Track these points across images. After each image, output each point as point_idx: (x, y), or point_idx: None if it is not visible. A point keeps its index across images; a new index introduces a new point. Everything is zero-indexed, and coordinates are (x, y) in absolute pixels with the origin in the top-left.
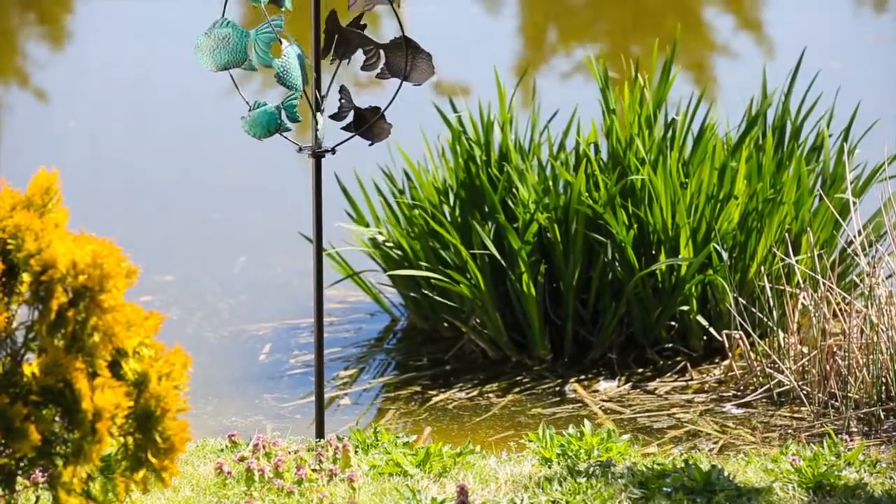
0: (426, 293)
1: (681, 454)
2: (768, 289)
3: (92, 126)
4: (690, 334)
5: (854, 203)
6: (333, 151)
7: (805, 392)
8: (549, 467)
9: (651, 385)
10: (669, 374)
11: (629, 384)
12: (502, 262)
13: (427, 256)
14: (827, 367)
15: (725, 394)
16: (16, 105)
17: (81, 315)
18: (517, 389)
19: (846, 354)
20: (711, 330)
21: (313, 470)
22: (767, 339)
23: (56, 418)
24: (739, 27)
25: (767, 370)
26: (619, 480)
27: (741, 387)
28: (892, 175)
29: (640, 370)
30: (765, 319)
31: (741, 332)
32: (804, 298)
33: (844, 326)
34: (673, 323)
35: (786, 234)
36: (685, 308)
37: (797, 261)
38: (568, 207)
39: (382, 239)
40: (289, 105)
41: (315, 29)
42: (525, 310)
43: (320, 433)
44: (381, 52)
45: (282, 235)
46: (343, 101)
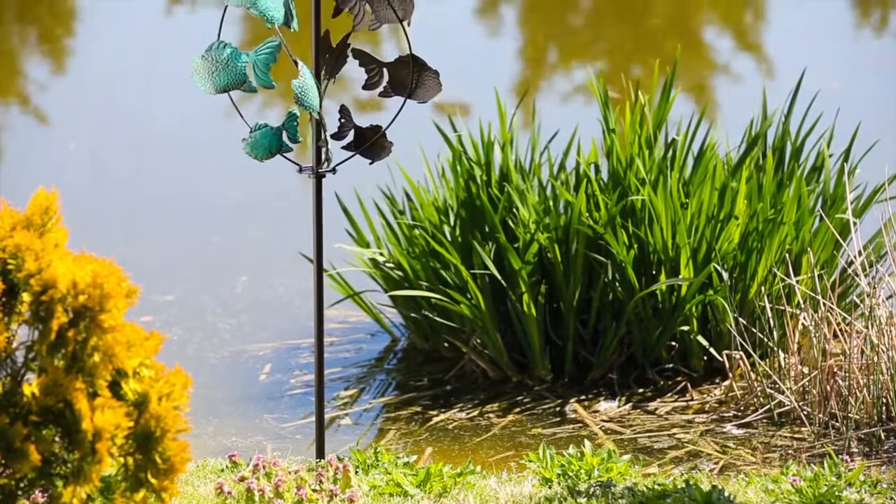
0: (427, 313)
1: (681, 474)
2: (769, 309)
3: (92, 147)
4: (691, 354)
5: (854, 223)
6: (334, 171)
7: (806, 412)
8: (550, 487)
9: (651, 405)
10: (670, 395)
11: (629, 404)
12: (503, 282)
13: (427, 276)
14: (827, 388)
15: (726, 414)
16: (16, 126)
17: (82, 335)
18: (518, 409)
19: (847, 375)
20: (712, 350)
21: (314, 490)
22: (768, 360)
23: (56, 438)
24: (739, 48)
25: (768, 390)
26: (620, 501)
27: (742, 407)
28: (893, 195)
29: (641, 390)
30: (765, 340)
31: (741, 353)
32: (804, 319)
33: (845, 347)
34: (673, 343)
35: (786, 255)
36: (685, 328)
37: (797, 281)
38: (568, 227)
39: (383, 259)
40: (290, 126)
41: (315, 50)
42: (525, 330)
43: (320, 453)
44: (384, 71)
45: (283, 255)
46: (343, 121)
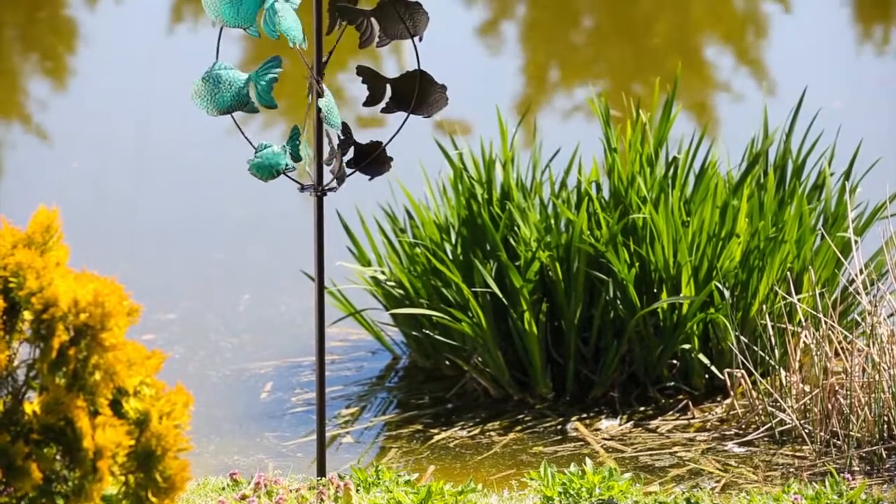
0: (428, 332)
1: (683, 493)
2: (770, 327)
3: (94, 166)
4: (692, 373)
5: (856, 242)
6: (335, 189)
7: (807, 431)
8: None
9: (653, 423)
10: (671, 413)
11: (631, 422)
12: (504, 301)
13: (429, 294)
14: (829, 406)
15: (727, 432)
16: (18, 144)
17: (83, 353)
18: (519, 428)
19: (848, 393)
20: (713, 368)
21: None
22: (769, 378)
23: (57, 457)
24: (741, 66)
25: (769, 409)
26: None
27: (743, 425)
28: (894, 213)
29: (642, 408)
30: (766, 358)
31: (743, 371)
32: (806, 337)
33: (846, 365)
34: (675, 361)
35: (787, 273)
36: (687, 346)
37: (799, 299)
38: (569, 246)
39: (384, 277)
40: (293, 145)
41: (317, 65)
42: (527, 348)
43: (322, 472)
44: (388, 86)
45: (285, 273)
46: (343, 138)
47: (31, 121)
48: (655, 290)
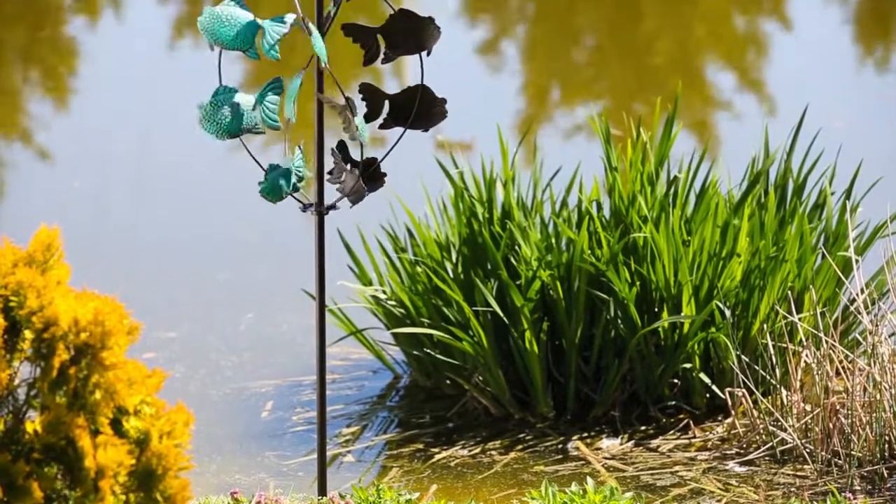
0: (429, 351)
1: None
2: (771, 346)
3: (95, 185)
4: (693, 392)
5: (857, 261)
6: (334, 207)
7: (808, 450)
8: None
9: (654, 443)
10: (672, 432)
11: (632, 442)
12: (505, 320)
13: (429, 313)
14: (830, 425)
15: (728, 451)
16: (19, 164)
17: (83, 372)
18: (520, 447)
19: (849, 412)
20: (714, 387)
21: None
22: (770, 397)
23: (58, 476)
24: (741, 85)
25: (770, 428)
26: None
27: (744, 444)
28: (895, 232)
29: (643, 428)
30: (767, 377)
31: (744, 390)
32: (807, 356)
33: (847, 384)
34: (676, 380)
35: (788, 292)
36: (688, 365)
37: (800, 318)
38: (570, 265)
39: (385, 297)
40: (299, 166)
41: (318, 78)
42: (528, 367)
43: (323, 491)
44: (386, 102)
45: (287, 292)
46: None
47: (33, 140)
48: (656, 310)
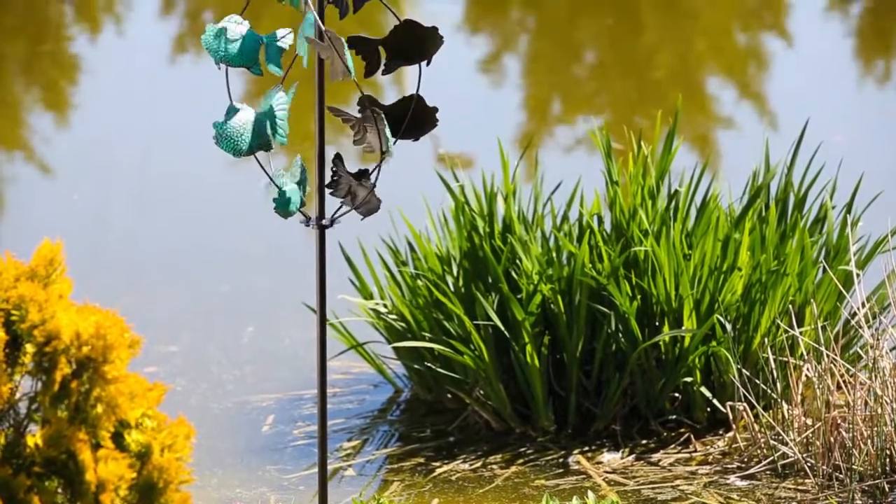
0: (430, 364)
1: None
2: (772, 360)
3: (97, 199)
4: (694, 406)
5: (858, 275)
6: (333, 224)
7: (809, 464)
8: None
9: (655, 456)
10: (673, 446)
11: (633, 456)
12: (506, 333)
13: (430, 327)
14: (831, 439)
15: (729, 466)
16: (20, 178)
17: (85, 386)
18: (521, 461)
19: (850, 426)
20: (715, 401)
21: None
22: (771, 411)
23: (59, 490)
24: (742, 99)
25: (771, 442)
26: None
27: (745, 458)
28: None
29: (644, 441)
30: (768, 391)
31: (745, 404)
32: (808, 370)
33: (848, 398)
34: (677, 394)
35: (789, 306)
36: (689, 379)
37: (801, 332)
38: (571, 279)
39: (386, 310)
40: (304, 181)
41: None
42: (529, 381)
43: None
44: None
45: (289, 306)
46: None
47: (34, 153)
48: (657, 323)
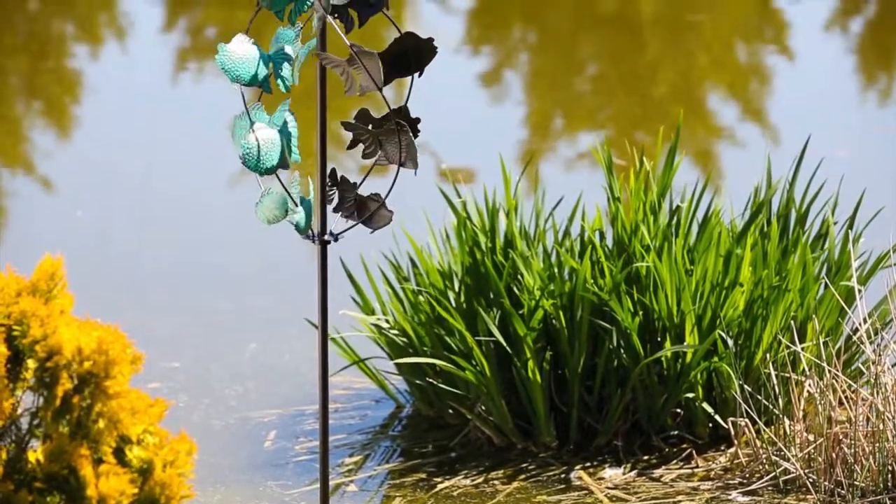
0: (431, 380)
1: None
2: (774, 376)
3: (99, 214)
4: (696, 421)
5: (859, 291)
6: (337, 239)
7: (811, 480)
8: None
9: (657, 472)
10: (675, 462)
11: (634, 471)
12: (508, 349)
13: (432, 343)
14: (833, 455)
15: (731, 481)
16: (22, 193)
17: (86, 401)
18: (522, 476)
19: (852, 442)
20: (717, 417)
21: None
22: (773, 427)
23: None
24: (744, 115)
25: (773, 458)
26: None
27: (747, 474)
28: None
29: (646, 457)
30: (770, 407)
31: (747, 420)
32: (810, 386)
33: (850, 414)
34: (678, 410)
35: (791, 322)
36: (691, 395)
37: (803, 348)
38: (573, 294)
39: (387, 326)
40: (295, 190)
41: (321, 115)
42: (530, 396)
43: None
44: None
45: (292, 322)
46: (342, 191)
47: (36, 170)
48: (659, 339)
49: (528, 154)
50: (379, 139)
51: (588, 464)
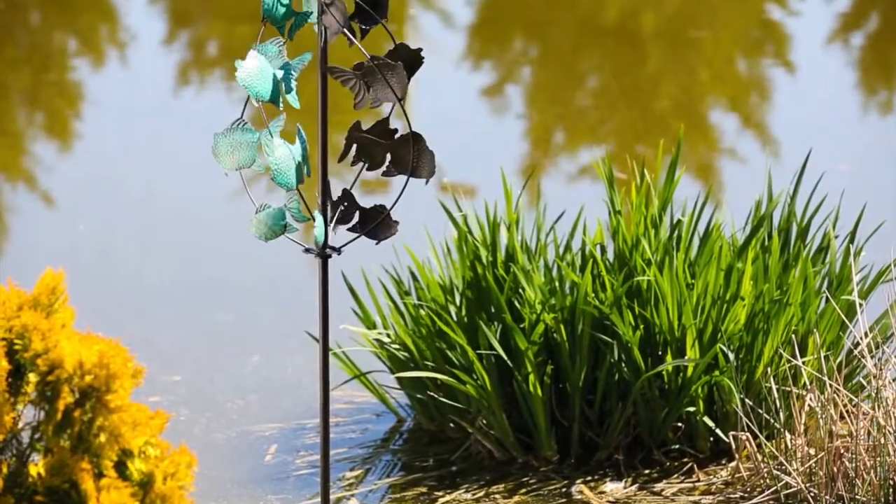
0: (432, 394)
1: None
2: (775, 390)
3: (101, 228)
4: (697, 435)
5: (860, 305)
6: (339, 252)
7: (812, 494)
8: None
9: (658, 486)
10: (676, 476)
11: (636, 485)
12: (509, 363)
13: (433, 356)
14: (834, 469)
15: (732, 496)
16: (23, 207)
17: (88, 415)
18: (524, 490)
19: (853, 456)
20: (718, 431)
21: None
22: (774, 441)
23: None
24: (745, 129)
25: (774, 472)
26: None
27: (748, 488)
28: None
29: (647, 471)
30: (772, 421)
31: (748, 434)
32: (811, 400)
33: (851, 428)
34: (679, 424)
35: (792, 336)
36: (692, 409)
37: (804, 362)
38: (574, 308)
39: (388, 340)
40: (294, 206)
41: (322, 129)
42: (531, 410)
43: None
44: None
45: (294, 335)
46: (346, 205)
47: (37, 183)
48: (660, 353)
49: (530, 168)
50: (365, 82)
51: (589, 478)
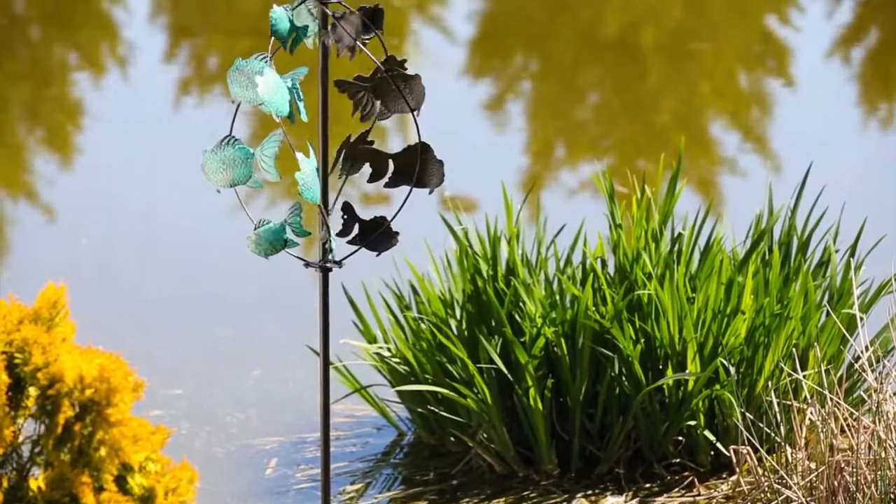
0: (433, 408)
1: None
2: (776, 404)
3: (101, 242)
4: (698, 449)
5: (861, 318)
6: (340, 265)
7: None
8: None
9: (658, 500)
10: (677, 490)
11: (636, 499)
12: (509, 377)
13: (434, 370)
14: (835, 483)
15: None
16: (24, 221)
17: (88, 429)
18: None
19: (854, 470)
20: (719, 445)
21: None
22: (775, 455)
23: None
24: (746, 143)
25: (775, 486)
26: None
27: (749, 502)
28: None
29: (648, 485)
30: (772, 434)
31: (749, 448)
32: (812, 414)
33: (852, 442)
34: (680, 438)
35: (793, 349)
36: (692, 423)
37: (804, 376)
38: (575, 322)
39: (389, 354)
40: (294, 221)
41: (323, 142)
42: (532, 424)
43: None
44: (390, 161)
45: (294, 349)
46: (346, 217)
47: (38, 197)
48: (661, 367)
49: (530, 181)
50: (375, 94)
51: (590, 491)
